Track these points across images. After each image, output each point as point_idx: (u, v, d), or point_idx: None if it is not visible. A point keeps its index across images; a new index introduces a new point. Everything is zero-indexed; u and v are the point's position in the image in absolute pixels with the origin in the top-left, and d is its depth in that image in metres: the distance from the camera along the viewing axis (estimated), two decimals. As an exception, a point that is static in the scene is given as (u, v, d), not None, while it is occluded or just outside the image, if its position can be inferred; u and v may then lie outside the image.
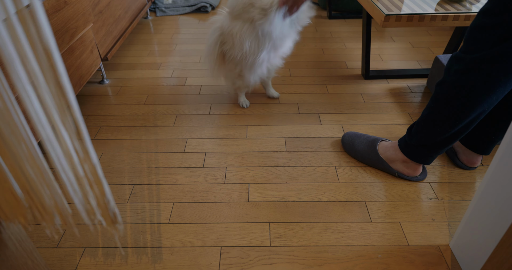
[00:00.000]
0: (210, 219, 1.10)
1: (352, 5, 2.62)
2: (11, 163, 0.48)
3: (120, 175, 1.27)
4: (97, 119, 1.57)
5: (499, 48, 0.88)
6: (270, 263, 0.97)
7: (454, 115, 1.02)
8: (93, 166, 0.47)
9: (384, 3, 1.59)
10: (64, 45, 1.36)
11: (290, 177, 1.25)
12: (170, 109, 1.62)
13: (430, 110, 1.08)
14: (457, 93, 0.99)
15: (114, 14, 1.89)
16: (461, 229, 0.95)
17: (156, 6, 2.78)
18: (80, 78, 1.51)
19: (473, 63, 0.94)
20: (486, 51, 0.90)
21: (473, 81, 0.95)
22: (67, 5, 1.36)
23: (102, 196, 0.50)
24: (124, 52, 2.15)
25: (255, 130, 1.48)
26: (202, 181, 1.24)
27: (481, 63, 0.92)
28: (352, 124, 1.51)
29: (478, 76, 0.94)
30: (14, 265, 0.69)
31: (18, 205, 0.55)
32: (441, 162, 1.30)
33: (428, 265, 0.96)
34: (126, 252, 1.00)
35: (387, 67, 1.95)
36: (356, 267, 0.96)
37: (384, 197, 1.16)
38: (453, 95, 1.00)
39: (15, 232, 0.68)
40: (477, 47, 0.92)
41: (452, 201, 1.15)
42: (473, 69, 0.94)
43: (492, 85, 0.93)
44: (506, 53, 0.88)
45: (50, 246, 1.03)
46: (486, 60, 0.91)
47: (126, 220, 1.10)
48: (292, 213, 1.11)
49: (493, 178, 0.81)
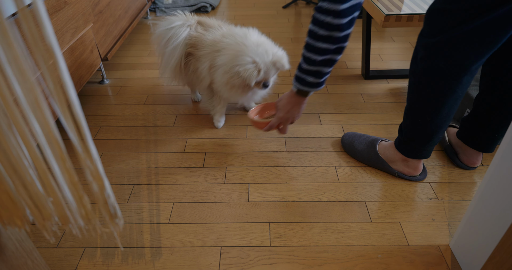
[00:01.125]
0: (210, 219, 1.10)
1: (352, 5, 2.62)
2: (7, 165, 0.48)
3: (120, 175, 1.27)
4: (97, 119, 1.57)
5: (456, 30, 0.89)
6: (270, 263, 0.97)
7: (429, 103, 1.03)
8: (94, 162, 0.47)
9: (384, 3, 1.59)
10: (64, 45, 1.36)
11: (290, 177, 1.25)
12: (170, 109, 1.62)
13: (409, 101, 1.10)
14: (426, 80, 1.00)
15: (114, 14, 1.89)
16: (461, 229, 0.95)
17: (156, 6, 2.78)
18: (80, 78, 1.51)
19: (434, 47, 0.95)
20: (444, 35, 0.91)
21: (437, 65, 0.96)
22: (67, 5, 1.36)
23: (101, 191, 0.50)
24: (124, 52, 2.15)
25: (255, 130, 1.48)
26: (202, 181, 1.24)
27: (442, 47, 0.93)
28: (352, 124, 1.51)
29: (441, 60, 0.95)
30: (14, 265, 0.69)
31: (15, 207, 0.55)
32: (441, 162, 1.30)
33: (428, 265, 0.96)
34: (126, 252, 1.00)
35: (387, 67, 1.95)
36: (356, 267, 0.96)
37: (384, 197, 1.16)
38: (424, 82, 1.02)
39: (15, 232, 0.68)
40: (436, 30, 0.93)
41: (452, 201, 1.15)
42: (435, 54, 0.95)
43: (456, 68, 0.94)
44: (463, 35, 0.89)
45: (50, 246, 1.03)
46: (445, 43, 0.92)
47: (126, 220, 1.10)
48: (292, 213, 1.11)
49: (493, 178, 0.81)
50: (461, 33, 0.89)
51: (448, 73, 0.96)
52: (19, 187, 0.51)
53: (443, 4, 0.91)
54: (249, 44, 1.25)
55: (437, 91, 1.00)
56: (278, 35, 2.37)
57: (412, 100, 1.08)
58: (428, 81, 1.00)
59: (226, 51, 1.29)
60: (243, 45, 1.26)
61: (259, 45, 1.25)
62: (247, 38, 1.28)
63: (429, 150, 1.15)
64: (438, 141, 1.13)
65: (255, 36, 1.30)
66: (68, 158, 0.46)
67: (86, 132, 0.43)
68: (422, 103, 1.05)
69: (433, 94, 1.01)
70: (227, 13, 2.75)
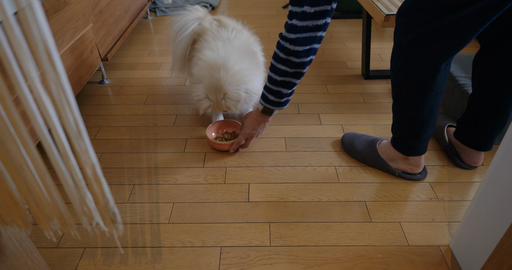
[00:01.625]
0: (210, 219, 1.10)
1: (352, 5, 2.62)
2: (9, 165, 0.48)
3: (120, 175, 1.27)
4: (97, 119, 1.57)
5: (426, 28, 0.92)
6: (270, 263, 0.97)
7: (411, 101, 1.06)
8: (93, 165, 0.47)
9: (384, 3, 1.59)
10: (64, 45, 1.36)
11: (290, 177, 1.25)
12: (170, 109, 1.62)
13: (393, 100, 1.13)
14: (404, 78, 1.03)
15: (114, 14, 1.89)
16: (461, 229, 0.95)
17: (156, 6, 2.78)
18: (80, 78, 1.51)
19: (407, 45, 0.97)
20: (415, 33, 0.94)
21: (412, 64, 0.99)
22: (67, 5, 1.36)
23: (101, 195, 0.50)
24: (124, 52, 2.15)
25: (255, 130, 1.48)
26: (202, 181, 1.24)
27: (414, 45, 0.96)
28: (352, 124, 1.51)
29: (414, 58, 0.98)
30: (14, 265, 0.69)
31: (16, 208, 0.55)
32: (441, 162, 1.29)
33: (428, 265, 0.96)
34: (126, 252, 1.00)
35: (387, 67, 1.95)
36: (356, 267, 0.96)
37: (384, 197, 1.16)
38: (402, 81, 1.04)
39: (15, 232, 0.68)
40: (407, 29, 0.96)
41: (452, 201, 1.15)
42: (409, 52, 0.98)
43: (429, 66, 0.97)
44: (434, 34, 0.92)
45: (50, 246, 1.03)
46: (417, 42, 0.95)
47: (126, 220, 1.10)
48: (292, 213, 1.11)
49: (493, 178, 0.81)
50: (431, 31, 0.92)
51: (421, 70, 0.99)
52: (21, 186, 0.51)
53: (413, 3, 0.94)
54: (214, 76, 1.26)
55: (414, 88, 1.03)
56: (278, 35, 2.37)
57: (395, 98, 1.11)
58: (405, 79, 1.03)
59: (199, 68, 1.31)
60: (210, 73, 1.27)
61: (223, 80, 1.26)
62: (219, 68, 1.27)
63: (422, 146, 1.16)
64: (429, 137, 1.14)
65: (233, 66, 1.28)
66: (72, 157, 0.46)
67: (84, 135, 0.43)
68: (403, 101, 1.08)
69: (412, 91, 1.04)
70: (227, 13, 2.75)
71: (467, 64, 1.57)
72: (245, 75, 1.30)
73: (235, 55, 1.31)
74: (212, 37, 1.39)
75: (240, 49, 1.34)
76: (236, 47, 1.34)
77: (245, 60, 1.32)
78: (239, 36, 1.41)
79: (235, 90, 1.28)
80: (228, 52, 1.31)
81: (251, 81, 1.31)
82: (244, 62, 1.32)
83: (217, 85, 1.27)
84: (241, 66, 1.30)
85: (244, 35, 1.43)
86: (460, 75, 1.49)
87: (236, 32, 1.42)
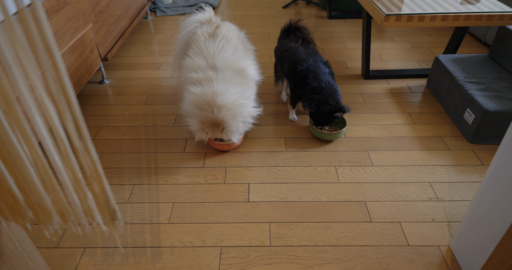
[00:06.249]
0: (210, 219, 1.10)
1: (352, 5, 2.62)
2: (9, 164, 0.48)
3: (120, 175, 1.27)
4: (97, 119, 1.57)
5: None
6: (270, 263, 0.97)
7: None
8: (93, 164, 0.47)
9: (384, 3, 1.59)
10: (64, 45, 1.36)
11: (290, 177, 1.25)
12: (170, 109, 1.62)
13: None
14: None
15: (114, 14, 1.89)
16: (461, 229, 0.95)
17: (156, 6, 2.78)
18: (80, 78, 1.51)
19: None
20: None
21: None
22: (67, 5, 1.36)
23: (102, 193, 0.50)
24: (124, 52, 2.15)
25: (255, 130, 1.48)
26: (202, 181, 1.24)
27: None
28: (352, 124, 1.51)
29: None
30: (14, 265, 0.69)
31: (17, 206, 0.55)
32: (441, 162, 1.30)
33: (428, 265, 0.96)
34: (126, 252, 1.00)
35: (387, 67, 1.95)
36: (356, 267, 0.96)
37: (384, 197, 1.16)
38: None
39: (15, 232, 0.68)
40: None
41: (452, 201, 1.15)
42: None
43: None
44: None
45: (50, 246, 1.02)
46: None
47: (126, 220, 1.10)
48: (292, 213, 1.11)
49: (493, 178, 0.81)
50: None
51: None
52: (21, 185, 0.51)
53: None
54: (208, 115, 1.22)
55: None
56: (278, 35, 2.37)
57: None
58: None
59: (189, 104, 1.26)
60: (201, 111, 1.23)
61: (219, 118, 1.22)
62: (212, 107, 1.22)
63: None
64: None
65: (224, 100, 1.23)
66: (72, 156, 0.46)
67: (85, 133, 0.43)
68: None
69: None
70: (227, 13, 2.75)
71: (467, 64, 1.57)
72: (238, 104, 1.25)
73: (222, 84, 1.25)
74: (197, 51, 1.34)
75: (226, 71, 1.28)
76: (221, 69, 1.28)
77: (233, 83, 1.27)
78: (223, 51, 1.34)
79: (234, 124, 1.25)
80: (215, 84, 1.24)
81: (245, 105, 1.27)
82: (233, 87, 1.26)
83: (214, 121, 1.23)
84: (231, 94, 1.24)
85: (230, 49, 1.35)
86: (460, 75, 1.49)
87: (223, 45, 1.35)
